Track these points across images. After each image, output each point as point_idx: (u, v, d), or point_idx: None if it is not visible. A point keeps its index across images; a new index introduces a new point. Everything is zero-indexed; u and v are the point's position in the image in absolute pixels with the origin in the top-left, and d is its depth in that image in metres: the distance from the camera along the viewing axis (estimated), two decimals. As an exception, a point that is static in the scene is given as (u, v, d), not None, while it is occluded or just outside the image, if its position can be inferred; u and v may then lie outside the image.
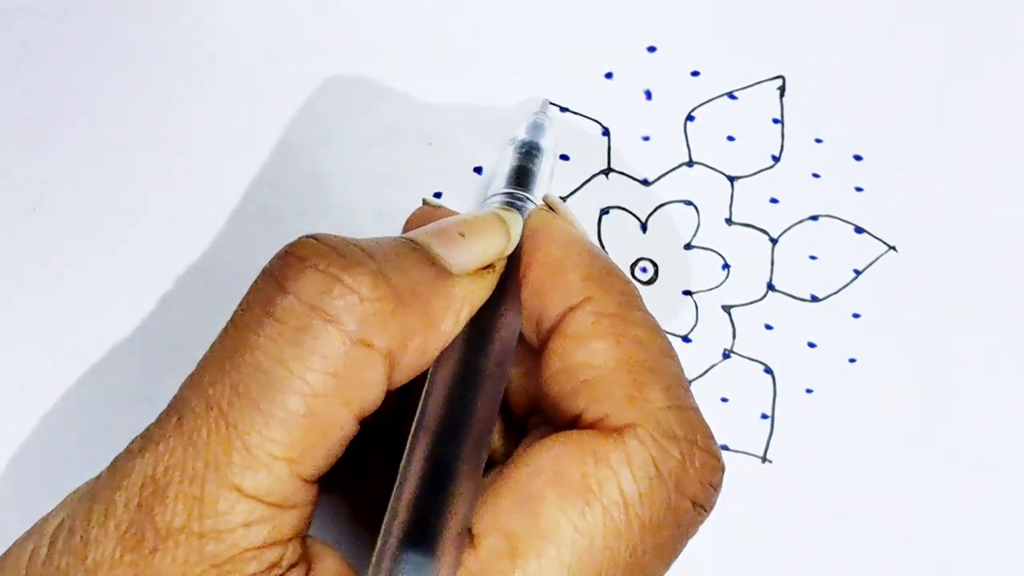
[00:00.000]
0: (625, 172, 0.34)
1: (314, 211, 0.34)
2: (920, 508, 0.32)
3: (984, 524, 0.32)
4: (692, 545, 0.32)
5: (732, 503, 0.32)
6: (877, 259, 0.34)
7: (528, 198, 0.28)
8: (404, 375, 0.23)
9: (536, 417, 0.26)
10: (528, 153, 0.30)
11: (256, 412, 0.20)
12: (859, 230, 0.34)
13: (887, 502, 0.32)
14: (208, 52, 0.35)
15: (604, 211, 0.34)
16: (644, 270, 0.34)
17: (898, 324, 0.33)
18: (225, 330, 0.22)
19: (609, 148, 0.35)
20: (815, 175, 0.34)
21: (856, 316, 0.33)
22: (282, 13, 0.36)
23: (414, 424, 0.23)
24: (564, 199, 0.34)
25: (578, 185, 0.34)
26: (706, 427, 0.23)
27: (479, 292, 0.24)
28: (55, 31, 0.35)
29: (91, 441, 0.32)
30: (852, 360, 0.33)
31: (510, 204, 0.28)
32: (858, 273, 0.34)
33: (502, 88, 0.35)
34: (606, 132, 0.35)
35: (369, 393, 0.22)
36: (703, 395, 0.33)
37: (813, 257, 0.34)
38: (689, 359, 0.33)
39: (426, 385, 0.24)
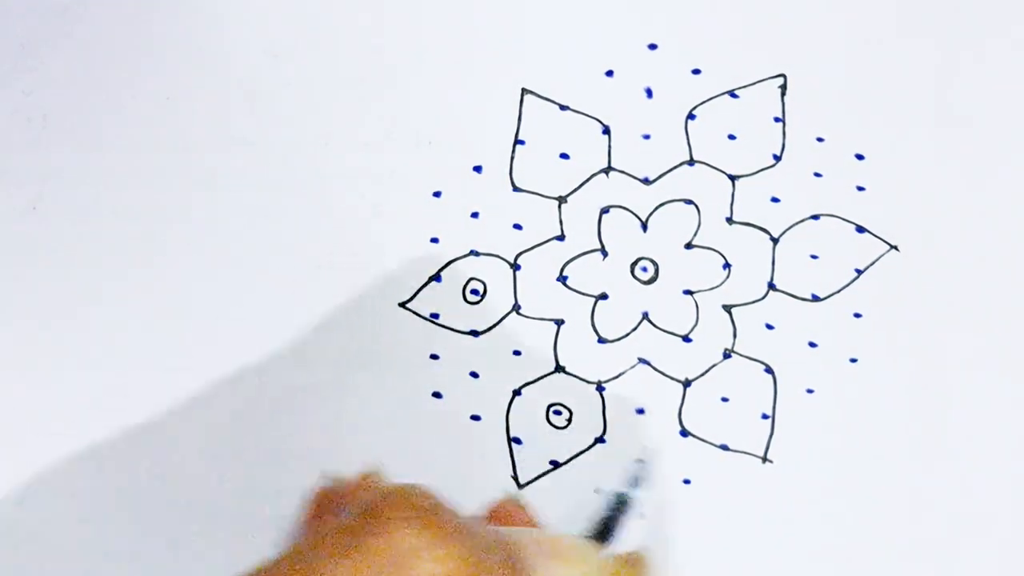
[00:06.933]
0: (625, 171, 0.34)
1: (314, 211, 0.34)
2: (921, 508, 0.32)
3: (985, 524, 0.32)
4: (692, 546, 0.32)
5: (733, 503, 0.32)
6: (879, 259, 0.34)
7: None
8: None
9: None
10: (620, 503, 0.28)
11: None
12: (861, 229, 0.34)
13: (888, 502, 0.32)
14: (208, 52, 0.35)
15: (604, 210, 0.34)
16: (644, 269, 0.34)
17: (900, 324, 0.33)
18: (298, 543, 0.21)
19: (609, 146, 0.35)
20: (817, 174, 0.34)
21: (857, 316, 0.33)
22: (282, 13, 0.36)
23: None
24: (564, 198, 0.34)
25: (578, 184, 0.34)
26: None
27: None
28: (55, 31, 0.35)
29: (88, 439, 0.32)
30: (853, 360, 0.33)
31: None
32: (859, 272, 0.34)
33: (502, 87, 0.35)
34: (606, 130, 0.35)
35: None
36: (703, 395, 0.33)
37: (814, 256, 0.34)
38: (689, 359, 0.33)
39: None
